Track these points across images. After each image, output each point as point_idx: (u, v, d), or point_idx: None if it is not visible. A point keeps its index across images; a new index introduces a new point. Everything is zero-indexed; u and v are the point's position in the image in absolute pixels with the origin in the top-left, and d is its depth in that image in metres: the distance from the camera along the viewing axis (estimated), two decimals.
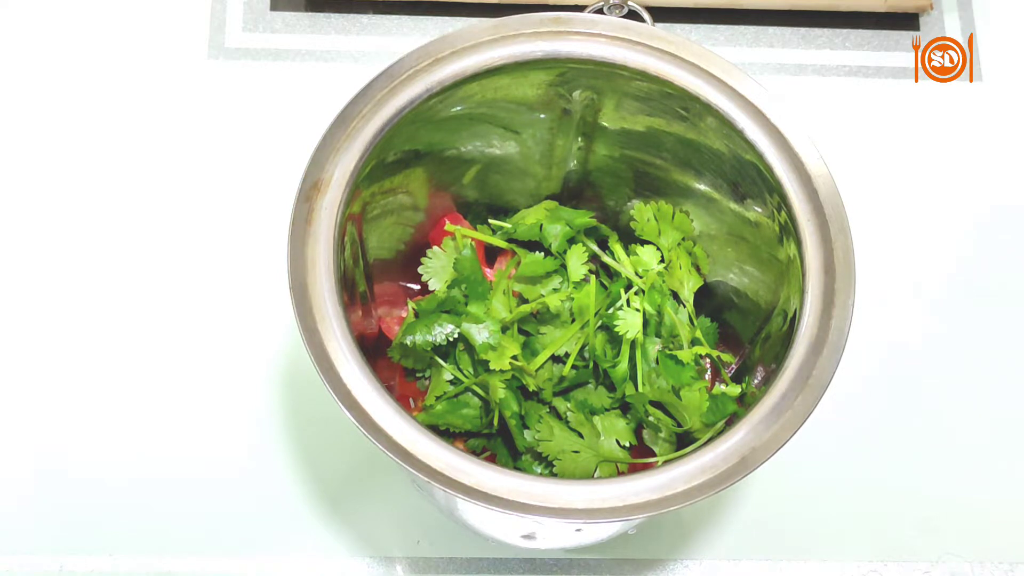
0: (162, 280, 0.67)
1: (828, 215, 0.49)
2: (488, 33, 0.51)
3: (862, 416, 0.66)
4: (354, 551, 0.62)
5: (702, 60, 0.51)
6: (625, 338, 0.53)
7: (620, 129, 0.56)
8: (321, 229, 0.48)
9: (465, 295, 0.55)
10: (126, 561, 0.62)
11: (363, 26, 0.74)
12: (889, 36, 0.76)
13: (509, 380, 0.53)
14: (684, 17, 0.75)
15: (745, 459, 0.45)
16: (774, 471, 0.51)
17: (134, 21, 0.73)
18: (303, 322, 0.46)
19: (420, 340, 0.53)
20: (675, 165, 0.56)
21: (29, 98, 0.71)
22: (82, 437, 0.64)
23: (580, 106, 0.55)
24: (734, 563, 0.63)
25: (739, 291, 0.57)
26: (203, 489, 0.63)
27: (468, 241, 0.57)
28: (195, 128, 0.71)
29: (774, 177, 0.50)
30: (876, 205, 0.71)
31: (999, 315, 0.69)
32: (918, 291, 0.70)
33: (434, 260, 0.57)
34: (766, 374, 0.52)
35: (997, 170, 0.73)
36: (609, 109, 0.55)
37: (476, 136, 0.56)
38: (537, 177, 0.60)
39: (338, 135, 0.49)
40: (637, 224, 0.58)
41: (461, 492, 0.44)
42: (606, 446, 0.53)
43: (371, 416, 0.45)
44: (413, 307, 0.55)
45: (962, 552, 0.64)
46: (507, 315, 0.54)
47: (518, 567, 0.63)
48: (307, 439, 0.64)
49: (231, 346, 0.66)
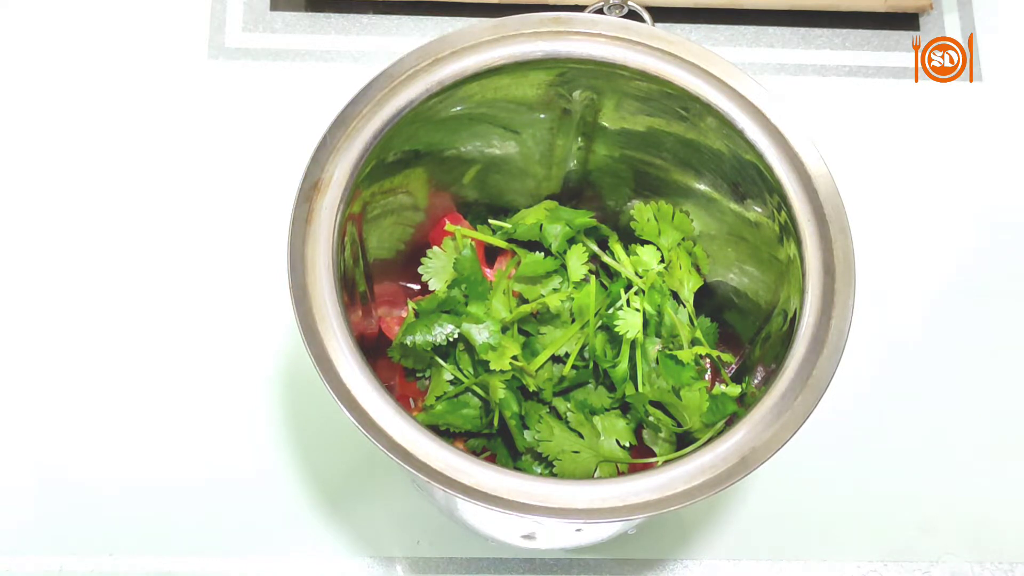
0: (162, 280, 0.67)
1: (828, 215, 0.49)
2: (488, 33, 0.51)
3: (862, 416, 0.66)
4: (354, 551, 0.62)
5: (702, 60, 0.51)
6: (625, 338, 0.53)
7: (620, 129, 0.56)
8: (321, 229, 0.48)
9: (465, 295, 0.55)
10: (126, 561, 0.62)
11: (363, 26, 0.74)
12: (889, 36, 0.76)
13: (509, 380, 0.53)
14: (684, 17, 0.75)
15: (745, 459, 0.45)
16: (774, 471, 0.51)
17: (134, 21, 0.73)
18: (303, 322, 0.46)
19: (420, 340, 0.53)
20: (675, 165, 0.56)
21: (29, 98, 0.71)
22: (82, 437, 0.64)
23: (580, 106, 0.55)
24: (734, 563, 0.63)
25: (739, 291, 0.57)
26: (203, 489, 0.63)
27: (468, 241, 0.57)
28: (195, 128, 0.71)
29: (774, 177, 0.50)
30: (876, 205, 0.71)
31: (999, 315, 0.69)
32: (918, 291, 0.70)
33: (434, 260, 0.57)
34: (766, 374, 0.52)
35: (997, 170, 0.73)
36: (609, 109, 0.55)
37: (476, 136, 0.56)
38: (537, 177, 0.60)
39: (338, 135, 0.49)
40: (637, 224, 0.58)
41: (461, 492, 0.44)
42: (606, 446, 0.53)
43: (371, 416, 0.45)
44: (413, 307, 0.55)
45: (962, 552, 0.64)
46: (507, 315, 0.54)
47: (518, 567, 0.63)
48: (307, 439, 0.64)
49: (231, 346, 0.66)
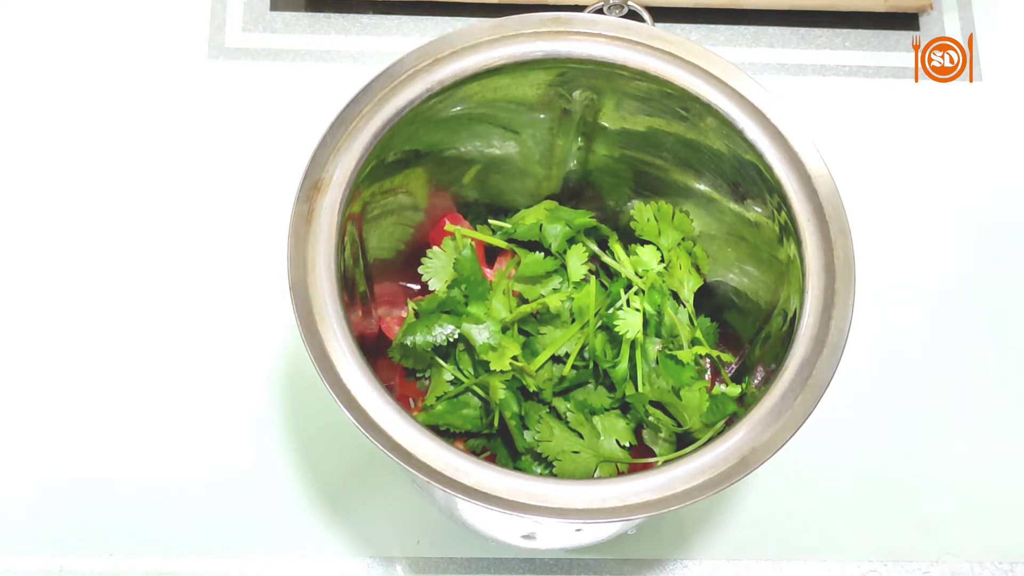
0: (162, 280, 0.67)
1: (828, 215, 0.49)
2: (488, 33, 0.51)
3: (862, 416, 0.66)
4: (354, 551, 0.62)
5: (702, 60, 0.51)
6: (625, 338, 0.53)
7: (620, 129, 0.56)
8: (321, 229, 0.48)
9: (465, 295, 0.55)
10: (126, 561, 0.62)
11: (363, 26, 0.74)
12: (889, 36, 0.75)
13: (509, 381, 0.53)
14: (684, 17, 0.75)
15: (745, 459, 0.45)
16: (774, 471, 0.51)
17: (134, 21, 0.73)
18: (303, 322, 0.46)
19: (420, 340, 0.53)
20: (675, 165, 0.56)
21: (29, 98, 0.71)
22: (82, 437, 0.64)
23: (580, 106, 0.55)
24: (734, 563, 0.63)
25: (739, 291, 0.57)
26: (203, 489, 0.63)
27: (468, 241, 0.57)
28: (195, 128, 0.71)
29: (774, 177, 0.50)
30: (876, 205, 0.71)
31: (999, 315, 0.69)
32: (918, 291, 0.70)
33: (434, 260, 0.57)
34: (766, 374, 0.52)
35: (997, 170, 0.73)
36: (609, 109, 0.55)
37: (476, 136, 0.56)
38: (537, 177, 0.60)
39: (338, 135, 0.49)
40: (637, 224, 0.58)
41: (461, 492, 0.44)
42: (606, 446, 0.53)
43: (371, 416, 0.45)
44: (413, 307, 0.55)
45: (962, 552, 0.64)
46: (507, 315, 0.54)
47: (518, 567, 0.63)
48: (307, 439, 0.64)
49: (231, 346, 0.66)
